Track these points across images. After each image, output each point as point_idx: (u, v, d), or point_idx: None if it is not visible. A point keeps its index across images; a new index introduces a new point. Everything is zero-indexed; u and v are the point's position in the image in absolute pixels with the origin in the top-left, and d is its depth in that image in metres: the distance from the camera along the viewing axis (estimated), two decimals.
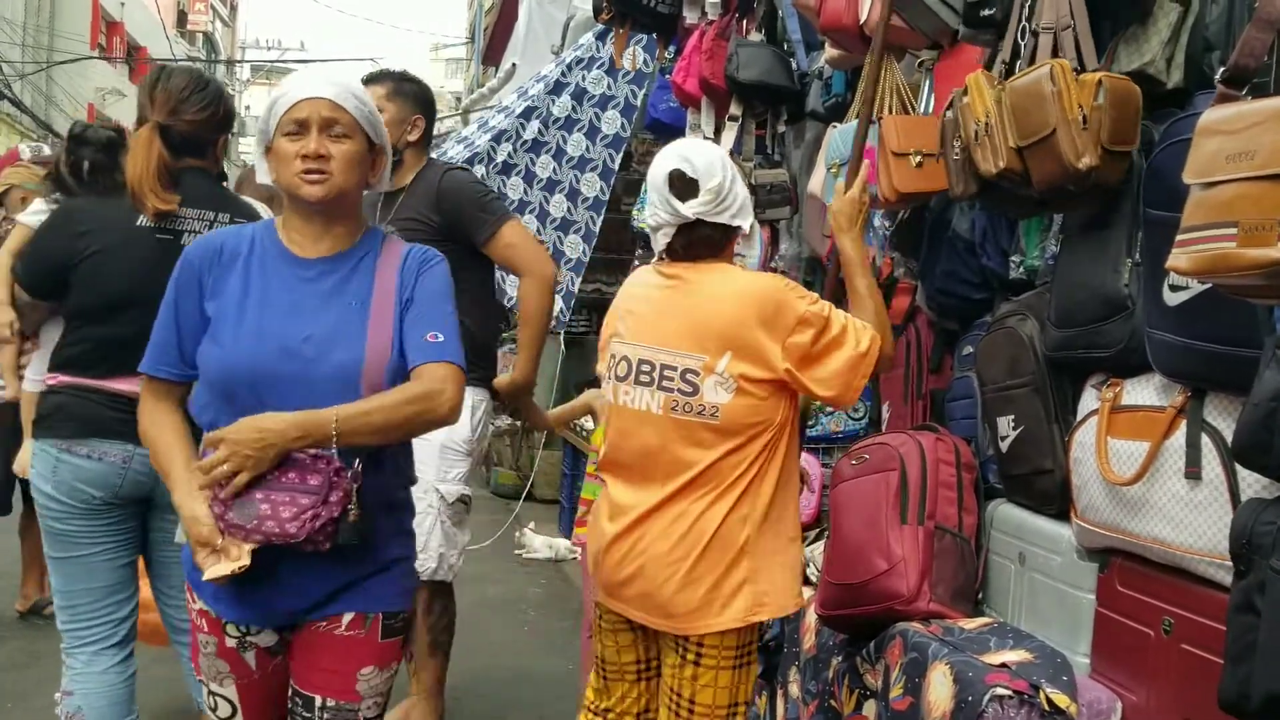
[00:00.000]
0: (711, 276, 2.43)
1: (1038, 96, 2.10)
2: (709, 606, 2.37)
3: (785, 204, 4.24)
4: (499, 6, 12.63)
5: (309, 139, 2.02)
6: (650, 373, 2.43)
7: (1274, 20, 1.55)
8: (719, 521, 2.36)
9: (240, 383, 2.02)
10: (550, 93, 6.36)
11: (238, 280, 2.08)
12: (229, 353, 2.03)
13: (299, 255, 2.11)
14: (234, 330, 2.04)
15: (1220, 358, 1.88)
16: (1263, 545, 1.62)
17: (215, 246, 2.11)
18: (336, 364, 2.02)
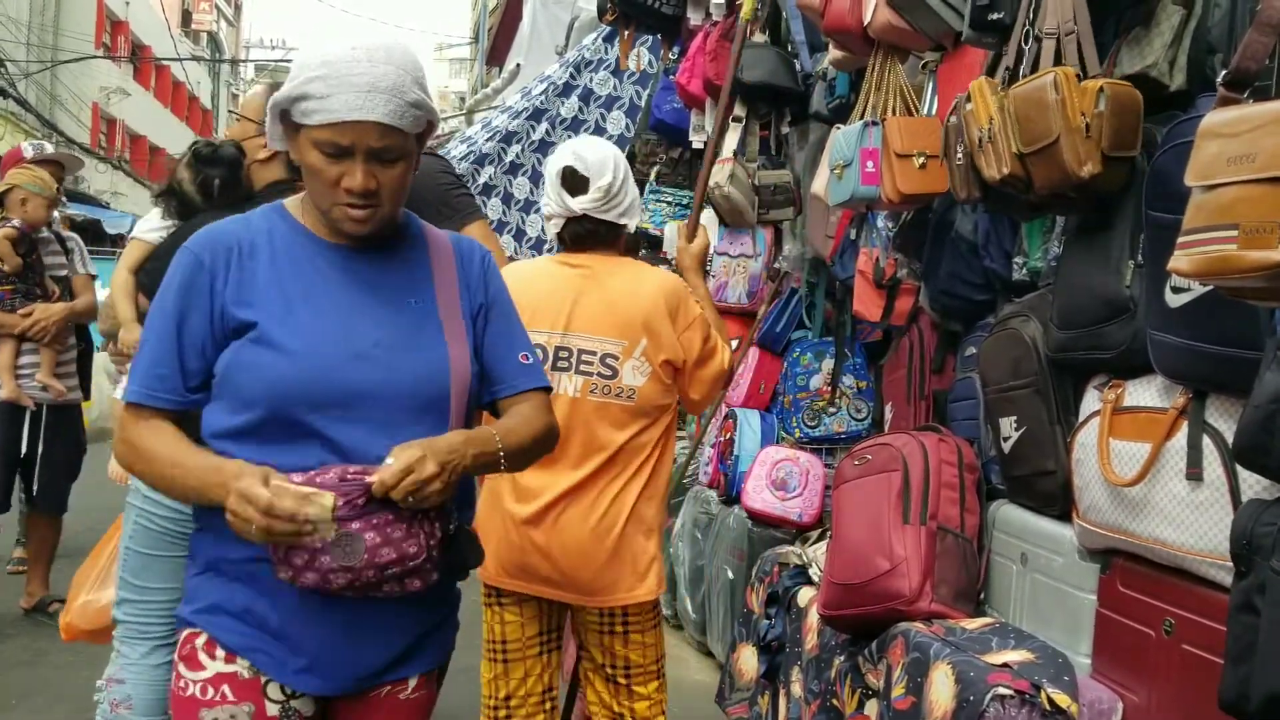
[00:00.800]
0: (625, 269, 2.62)
1: (1041, 104, 2.11)
2: (632, 579, 2.56)
3: (789, 205, 4.25)
4: (503, 7, 12.65)
5: (354, 168, 1.60)
6: (568, 358, 2.56)
7: (1275, 24, 1.55)
8: (633, 501, 2.55)
9: (305, 399, 1.60)
10: (559, 95, 6.38)
11: (269, 276, 1.66)
12: (294, 361, 1.61)
13: (333, 240, 1.71)
14: (291, 334, 1.62)
15: (1222, 359, 1.88)
16: (1263, 546, 1.63)
17: (226, 243, 1.67)
18: (419, 377, 1.67)
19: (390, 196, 1.66)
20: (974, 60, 2.80)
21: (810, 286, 4.46)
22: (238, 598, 1.66)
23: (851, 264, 3.67)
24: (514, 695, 2.65)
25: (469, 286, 1.79)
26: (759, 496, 4.08)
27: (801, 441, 4.24)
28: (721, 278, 4.97)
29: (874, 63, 3.15)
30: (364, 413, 1.62)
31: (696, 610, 4.74)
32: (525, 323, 2.47)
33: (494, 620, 2.66)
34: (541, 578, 2.56)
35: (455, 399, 1.69)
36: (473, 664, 2.73)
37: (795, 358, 4.36)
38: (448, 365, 1.70)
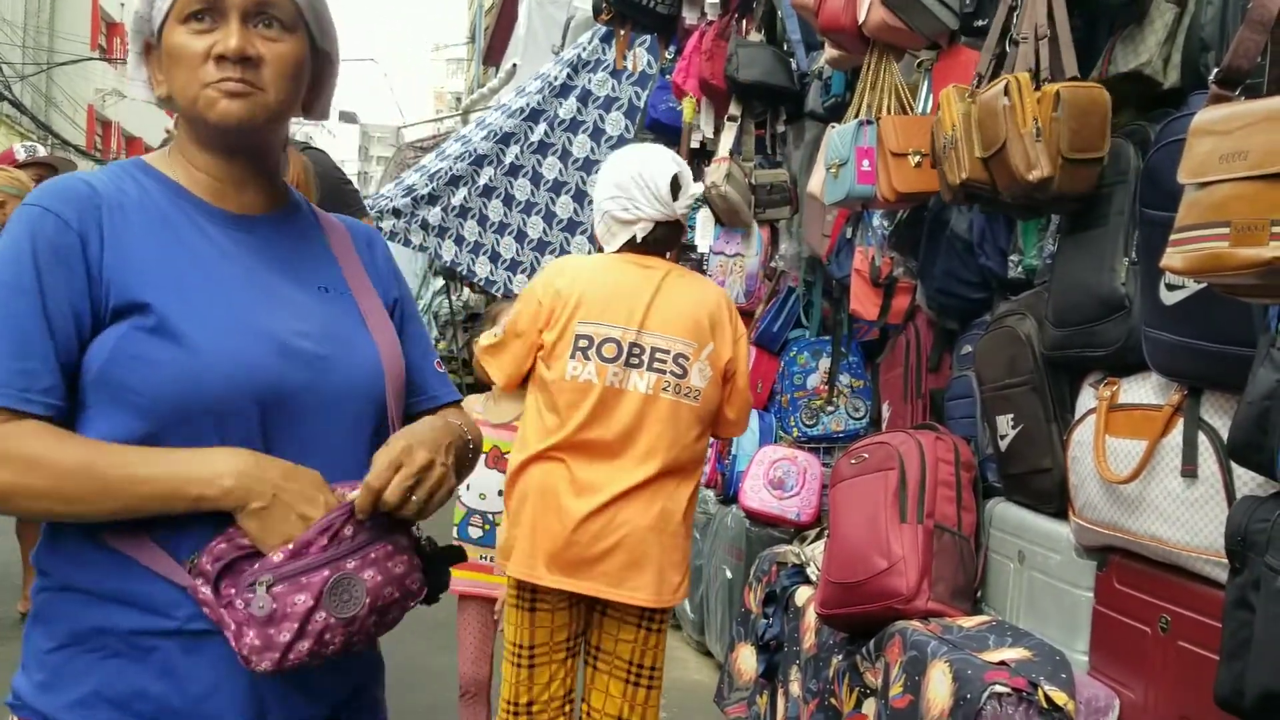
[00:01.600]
0: (691, 275, 2.74)
1: (993, 110, 2.16)
2: (676, 579, 2.62)
3: (785, 204, 4.26)
4: (499, 7, 12.64)
5: (227, 31, 1.28)
6: (640, 355, 2.59)
7: (1266, 21, 1.56)
8: (685, 502, 2.63)
9: (217, 407, 1.23)
10: (557, 95, 6.39)
11: (148, 245, 1.27)
12: (201, 358, 1.22)
13: (223, 209, 1.35)
14: (194, 321, 1.24)
15: (1216, 356, 1.89)
16: (1257, 542, 1.63)
17: (86, 197, 1.27)
18: (354, 377, 1.36)
19: (275, 80, 1.30)
20: (969, 59, 2.80)
21: (807, 285, 4.46)
22: (126, 679, 1.22)
23: (848, 263, 3.67)
24: (536, 700, 2.65)
25: (379, 275, 1.50)
26: (757, 496, 4.08)
27: (799, 440, 4.25)
28: (718, 277, 4.97)
29: (869, 61, 3.15)
30: (290, 423, 1.28)
31: (695, 610, 4.75)
32: (594, 315, 2.58)
33: (522, 623, 2.64)
34: (598, 573, 2.55)
35: (393, 406, 1.40)
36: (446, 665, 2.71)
37: (792, 357, 4.36)
38: (381, 364, 1.39)
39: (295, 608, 1.18)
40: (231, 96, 1.29)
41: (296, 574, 1.18)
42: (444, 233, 6.23)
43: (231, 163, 1.36)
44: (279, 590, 1.18)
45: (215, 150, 1.35)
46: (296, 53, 1.33)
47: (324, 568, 1.20)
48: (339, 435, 1.32)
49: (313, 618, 1.18)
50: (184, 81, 1.30)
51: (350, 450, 1.33)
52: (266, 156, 1.39)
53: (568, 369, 2.58)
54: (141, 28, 1.34)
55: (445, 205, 6.21)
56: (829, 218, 3.85)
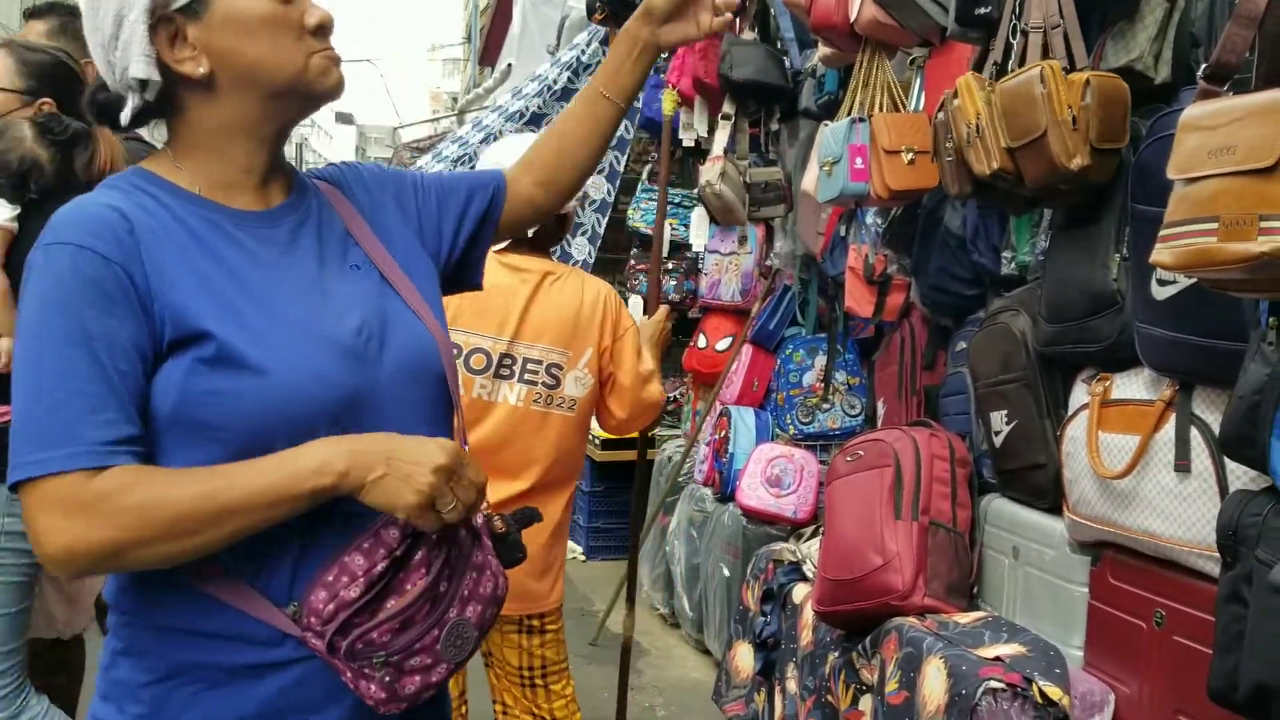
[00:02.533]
0: (569, 277, 2.60)
1: (1028, 98, 2.12)
2: (555, 584, 2.64)
3: (780, 202, 4.26)
4: (493, 7, 12.64)
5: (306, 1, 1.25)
6: (511, 366, 2.52)
7: (1254, 17, 1.56)
8: (560, 513, 2.61)
9: (294, 426, 1.18)
10: (558, 99, 6.38)
11: (185, 267, 1.19)
12: (274, 380, 1.17)
13: (246, 209, 1.28)
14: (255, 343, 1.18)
15: (1207, 351, 1.89)
16: (1249, 536, 1.64)
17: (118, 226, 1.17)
18: (414, 360, 1.31)
19: None
20: (961, 56, 2.81)
21: (803, 283, 4.46)
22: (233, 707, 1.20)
23: (842, 260, 3.68)
24: None
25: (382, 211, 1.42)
26: (754, 494, 4.08)
27: (796, 438, 4.25)
28: (714, 275, 4.98)
29: (861, 59, 3.15)
30: (361, 421, 1.23)
31: (693, 608, 4.75)
32: (465, 324, 2.46)
33: None
34: None
35: (451, 376, 1.35)
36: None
37: (788, 354, 4.37)
38: (430, 337, 1.33)
39: (416, 666, 1.19)
40: (336, 64, 1.27)
41: (410, 646, 1.18)
42: None
43: (270, 150, 1.30)
44: (398, 659, 1.18)
45: (263, 138, 1.27)
46: None
47: (434, 629, 1.19)
48: (408, 418, 1.26)
49: (435, 670, 1.20)
50: (283, 51, 1.22)
51: (426, 429, 1.27)
52: (282, 144, 1.33)
53: None
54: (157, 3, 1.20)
55: None
56: (823, 215, 3.85)
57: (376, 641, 1.16)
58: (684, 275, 5.65)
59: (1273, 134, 1.42)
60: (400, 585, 1.19)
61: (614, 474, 6.06)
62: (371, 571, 1.17)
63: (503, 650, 2.65)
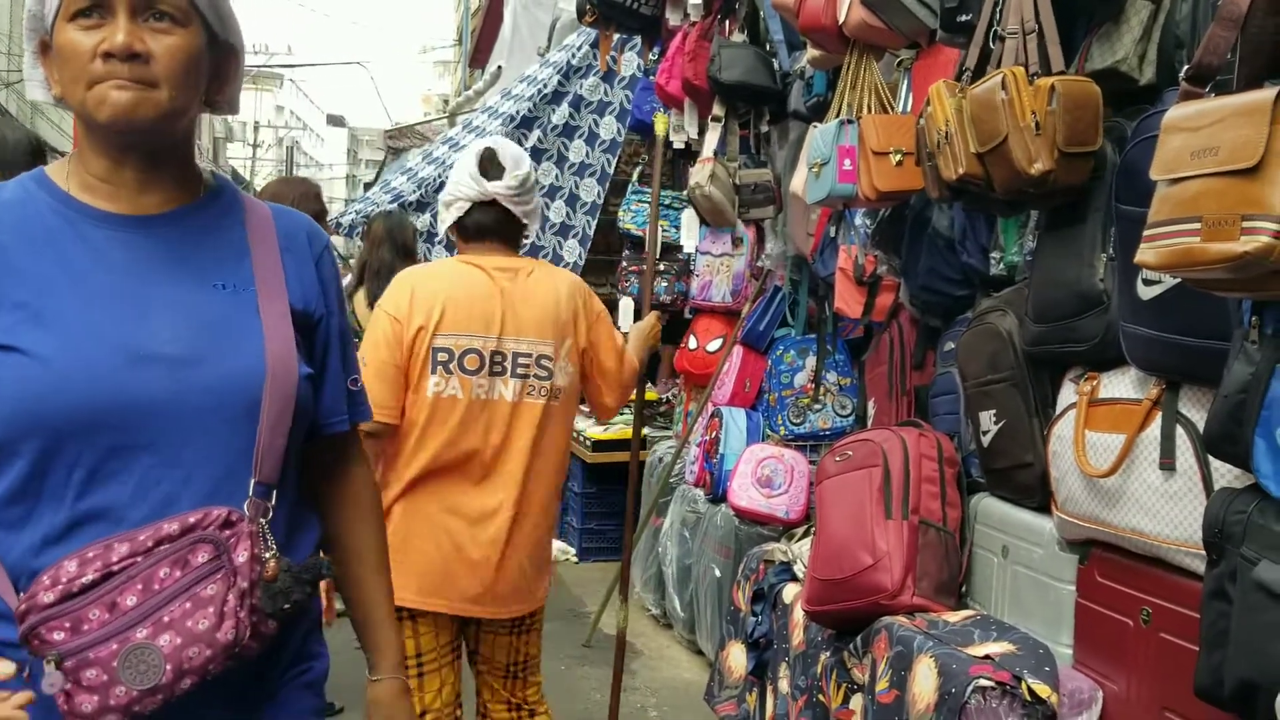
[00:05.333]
0: (539, 269, 2.67)
1: (991, 105, 2.15)
2: (544, 582, 2.70)
3: (769, 203, 4.28)
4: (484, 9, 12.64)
5: (115, 27, 1.24)
6: (503, 363, 2.55)
7: (1236, 18, 1.57)
8: (555, 504, 2.71)
9: (65, 423, 1.21)
10: (549, 102, 6.40)
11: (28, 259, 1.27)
12: (47, 369, 1.21)
13: (115, 212, 1.31)
14: (47, 333, 1.23)
15: (1192, 350, 1.90)
16: (1234, 534, 1.65)
17: None
18: (222, 382, 1.29)
19: (169, 76, 1.26)
20: (949, 58, 2.82)
21: (793, 284, 4.48)
22: None
23: (832, 261, 3.69)
24: (430, 709, 2.57)
25: (298, 266, 1.42)
26: (745, 494, 4.10)
27: (787, 439, 4.26)
28: (705, 277, 4.99)
29: (849, 61, 3.17)
30: (147, 438, 1.24)
31: (685, 609, 4.76)
32: (452, 326, 2.49)
33: (405, 634, 2.51)
34: (471, 597, 2.53)
35: (270, 412, 1.31)
36: None
37: (779, 355, 4.38)
38: (263, 365, 1.31)
39: (92, 681, 1.16)
40: (120, 93, 1.24)
41: (82, 650, 1.16)
42: (432, 238, 6.24)
43: (125, 163, 1.31)
44: (72, 665, 1.16)
45: (109, 150, 1.31)
46: (190, 46, 1.29)
47: (111, 641, 1.16)
48: (207, 441, 1.27)
49: (113, 692, 1.16)
50: (72, 80, 1.26)
51: (220, 457, 1.28)
52: (168, 154, 1.34)
53: (430, 386, 2.50)
54: (36, 26, 1.30)
55: (435, 212, 6.21)
56: (813, 217, 3.87)
57: (49, 640, 1.16)
58: (675, 277, 5.67)
59: (1254, 135, 1.44)
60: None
61: (607, 475, 6.07)
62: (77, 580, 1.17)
63: (494, 650, 2.68)
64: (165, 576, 1.19)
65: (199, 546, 1.22)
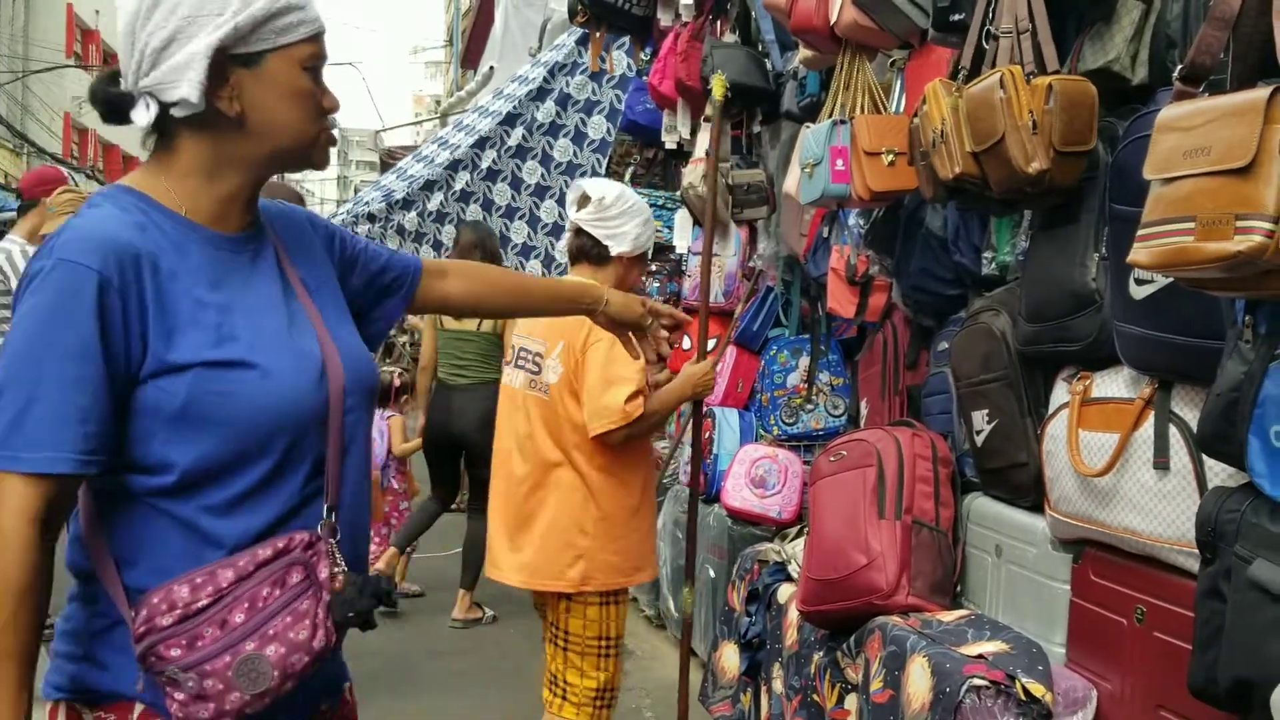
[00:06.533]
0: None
1: (988, 104, 2.15)
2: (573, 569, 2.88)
3: (762, 204, 4.27)
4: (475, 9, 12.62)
5: (326, 89, 1.45)
6: (514, 355, 3.01)
7: (1228, 18, 1.58)
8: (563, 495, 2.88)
9: (299, 423, 1.40)
10: (534, 100, 6.37)
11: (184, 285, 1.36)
12: (280, 381, 1.37)
13: (224, 233, 1.43)
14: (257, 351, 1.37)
15: (1185, 349, 1.91)
16: (1227, 532, 1.65)
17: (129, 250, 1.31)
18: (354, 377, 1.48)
19: None
20: (941, 58, 2.82)
21: (786, 284, 4.47)
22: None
23: (825, 262, 3.69)
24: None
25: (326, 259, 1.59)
26: (738, 494, 4.09)
27: (780, 439, 4.26)
28: (697, 277, 4.98)
29: (842, 61, 3.16)
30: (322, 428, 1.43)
31: (679, 610, 4.75)
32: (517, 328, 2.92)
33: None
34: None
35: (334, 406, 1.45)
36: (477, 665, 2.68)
37: (772, 355, 4.38)
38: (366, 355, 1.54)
39: (209, 690, 1.30)
40: (334, 144, 1.49)
41: (199, 664, 1.29)
42: (421, 238, 6.22)
43: (249, 188, 1.45)
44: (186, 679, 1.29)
45: (253, 180, 1.45)
46: None
47: (225, 654, 1.30)
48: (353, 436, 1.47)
49: (228, 699, 1.30)
50: (302, 121, 1.42)
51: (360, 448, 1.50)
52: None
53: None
54: (221, 39, 1.34)
55: (421, 210, 6.19)
56: (806, 217, 3.87)
57: (166, 656, 1.29)
58: (667, 277, 5.66)
59: (1247, 134, 1.44)
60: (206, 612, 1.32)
61: None
62: (191, 605, 1.31)
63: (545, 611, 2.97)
64: (267, 595, 1.33)
65: (293, 568, 1.36)
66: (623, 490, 2.86)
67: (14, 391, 1.25)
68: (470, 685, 4.48)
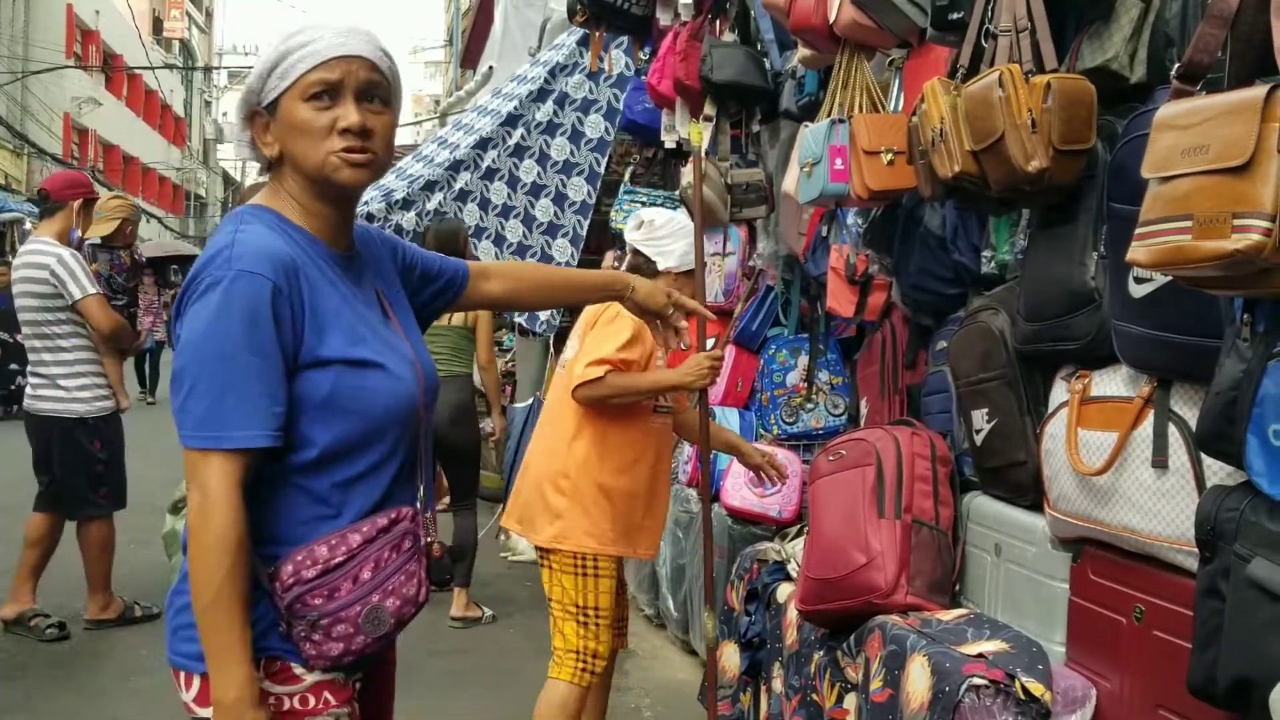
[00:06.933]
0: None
1: (987, 102, 2.15)
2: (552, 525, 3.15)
3: (761, 203, 4.27)
4: (475, 9, 12.62)
5: (347, 108, 1.58)
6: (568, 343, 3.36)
7: (1226, 16, 1.57)
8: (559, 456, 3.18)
9: (406, 416, 1.67)
10: (535, 100, 6.37)
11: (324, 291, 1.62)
12: (398, 381, 1.65)
13: (339, 251, 1.69)
14: (380, 353, 1.64)
15: (1184, 348, 1.91)
16: (1226, 531, 1.65)
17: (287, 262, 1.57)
18: (431, 381, 1.75)
19: (382, 146, 1.64)
20: (940, 57, 2.82)
21: (785, 283, 4.47)
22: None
23: (824, 261, 3.69)
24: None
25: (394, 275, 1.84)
26: (738, 494, 4.09)
27: (780, 438, 4.26)
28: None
29: (840, 60, 3.16)
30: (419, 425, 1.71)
31: (679, 609, 4.75)
32: None
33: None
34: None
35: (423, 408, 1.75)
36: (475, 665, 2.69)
37: (771, 355, 4.38)
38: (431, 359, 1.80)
39: (340, 634, 1.57)
40: (353, 165, 1.60)
41: (336, 613, 1.56)
42: (420, 239, 6.22)
43: (340, 211, 1.68)
44: (325, 624, 1.55)
45: (330, 202, 1.66)
46: (394, 122, 1.68)
47: (356, 605, 1.57)
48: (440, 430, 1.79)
49: (354, 640, 1.58)
50: (308, 149, 1.59)
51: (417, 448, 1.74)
52: (356, 204, 1.74)
53: None
54: (250, 98, 1.63)
55: (420, 210, 6.18)
56: (805, 216, 3.86)
57: (310, 604, 1.54)
58: None
59: (1245, 132, 1.44)
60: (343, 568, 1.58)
61: None
62: (330, 561, 1.56)
63: None
64: (387, 557, 1.61)
65: (405, 536, 1.64)
66: (609, 462, 3.09)
67: (208, 382, 1.50)
68: (470, 685, 4.48)
